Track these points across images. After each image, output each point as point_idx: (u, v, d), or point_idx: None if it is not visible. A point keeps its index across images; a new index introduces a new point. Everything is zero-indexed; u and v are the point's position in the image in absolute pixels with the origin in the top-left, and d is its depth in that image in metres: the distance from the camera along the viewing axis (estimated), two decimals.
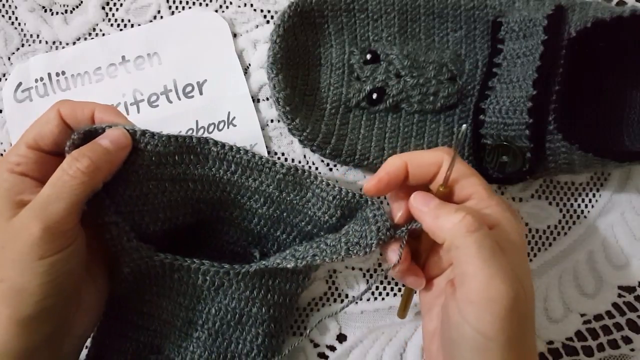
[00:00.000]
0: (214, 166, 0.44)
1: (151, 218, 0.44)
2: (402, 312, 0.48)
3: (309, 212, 0.46)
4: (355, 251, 0.41)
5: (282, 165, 0.44)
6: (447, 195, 0.40)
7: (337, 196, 0.44)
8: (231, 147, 0.44)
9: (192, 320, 0.46)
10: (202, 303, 0.46)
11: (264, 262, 0.44)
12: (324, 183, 0.45)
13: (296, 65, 0.49)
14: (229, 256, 0.47)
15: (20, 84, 0.54)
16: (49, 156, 0.42)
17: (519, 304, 0.34)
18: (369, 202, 0.44)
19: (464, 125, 0.40)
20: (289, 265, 0.42)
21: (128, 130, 0.41)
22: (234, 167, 0.44)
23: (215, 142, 0.44)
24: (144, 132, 0.41)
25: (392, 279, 0.53)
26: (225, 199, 0.46)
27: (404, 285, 0.48)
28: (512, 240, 0.37)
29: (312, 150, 0.49)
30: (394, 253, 0.42)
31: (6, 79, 0.54)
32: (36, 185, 0.40)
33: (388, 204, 0.47)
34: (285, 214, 0.47)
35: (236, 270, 0.44)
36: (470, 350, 0.35)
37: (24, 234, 0.37)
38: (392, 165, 0.41)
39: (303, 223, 0.47)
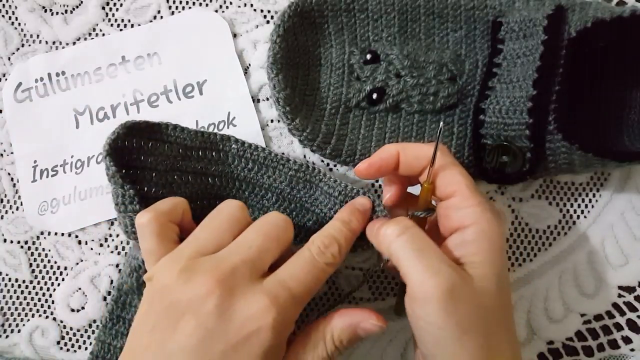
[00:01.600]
0: (233, 163, 0.47)
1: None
2: (399, 308, 0.47)
3: (316, 209, 0.47)
4: (357, 245, 0.42)
5: (295, 162, 0.47)
6: (432, 191, 0.41)
7: (342, 192, 0.45)
8: (250, 145, 0.47)
9: None
10: None
11: None
12: (331, 180, 0.46)
13: (296, 65, 0.49)
14: None
15: (20, 84, 0.54)
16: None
17: (458, 293, 0.35)
18: (371, 199, 0.44)
19: (441, 123, 0.41)
20: None
21: (160, 124, 0.44)
22: (251, 165, 0.47)
23: (236, 140, 0.47)
24: (175, 127, 0.45)
25: (393, 278, 0.53)
26: (239, 198, 0.48)
27: (397, 282, 0.48)
28: (488, 238, 0.38)
29: (312, 151, 0.49)
30: None
31: (6, 79, 0.54)
32: None
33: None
34: (294, 213, 0.48)
35: None
36: (431, 343, 0.37)
37: None
38: (386, 152, 0.42)
39: (310, 222, 0.48)
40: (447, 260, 0.37)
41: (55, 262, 0.53)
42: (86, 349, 0.53)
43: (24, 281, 0.53)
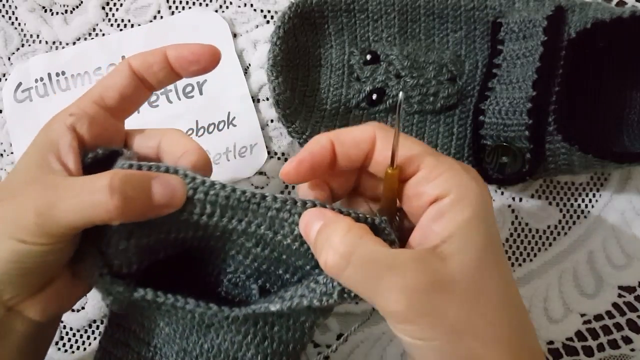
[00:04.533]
0: (185, 210, 0.34)
1: (121, 262, 0.35)
2: None
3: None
4: (353, 295, 0.34)
5: (275, 199, 0.34)
6: (397, 176, 0.34)
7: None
8: (203, 181, 0.34)
9: (186, 349, 0.40)
10: (195, 335, 0.40)
11: (251, 307, 0.37)
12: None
13: (296, 67, 0.49)
14: (227, 285, 0.41)
15: (20, 84, 0.54)
16: (110, 119, 0.38)
17: (431, 297, 0.30)
18: (383, 225, 0.35)
19: (401, 93, 0.33)
20: (273, 308, 0.36)
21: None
22: (210, 209, 0.34)
23: (185, 174, 0.34)
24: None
25: None
26: (211, 237, 0.37)
27: None
28: (468, 204, 0.32)
29: None
30: None
31: (6, 79, 0.54)
32: (71, 146, 0.35)
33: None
34: (285, 257, 0.37)
35: (225, 314, 0.37)
36: (427, 357, 0.33)
37: (20, 212, 0.32)
38: (317, 143, 0.35)
39: (308, 267, 0.37)
40: (402, 263, 0.31)
41: None
42: (85, 349, 0.53)
43: None
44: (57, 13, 0.55)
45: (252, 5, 0.54)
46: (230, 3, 0.54)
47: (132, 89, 0.38)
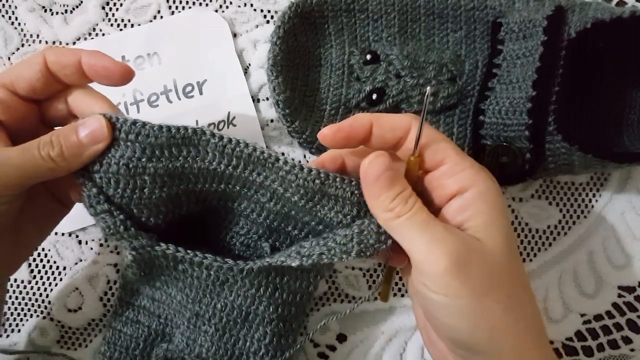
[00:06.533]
0: (214, 160, 0.40)
1: (151, 212, 0.41)
2: (385, 294, 0.45)
3: (319, 213, 0.41)
4: (369, 253, 0.39)
5: (286, 162, 0.40)
6: (419, 164, 0.38)
7: (355, 192, 0.41)
8: (230, 140, 0.40)
9: (199, 313, 0.44)
10: (207, 297, 0.44)
11: (267, 260, 0.42)
12: (337, 180, 0.40)
13: (296, 66, 0.49)
14: (239, 247, 0.46)
15: None
16: (22, 102, 0.41)
17: (468, 258, 0.35)
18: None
19: (429, 88, 0.37)
20: (293, 264, 0.40)
21: (118, 119, 0.39)
22: (236, 161, 0.40)
23: (213, 134, 0.40)
24: (134, 122, 0.38)
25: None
26: (231, 192, 0.43)
27: (383, 267, 0.46)
28: (489, 198, 0.37)
29: (312, 153, 0.49)
30: None
31: None
32: None
33: None
34: (293, 212, 0.43)
35: (240, 267, 0.42)
36: (451, 316, 0.36)
37: None
38: (358, 120, 0.39)
39: (314, 223, 0.43)
40: (450, 228, 0.36)
41: (55, 262, 0.53)
42: (86, 346, 0.53)
43: (22, 281, 0.53)
44: (57, 13, 0.55)
45: (252, 5, 0.54)
46: (230, 3, 0.54)
47: (43, 83, 0.40)
